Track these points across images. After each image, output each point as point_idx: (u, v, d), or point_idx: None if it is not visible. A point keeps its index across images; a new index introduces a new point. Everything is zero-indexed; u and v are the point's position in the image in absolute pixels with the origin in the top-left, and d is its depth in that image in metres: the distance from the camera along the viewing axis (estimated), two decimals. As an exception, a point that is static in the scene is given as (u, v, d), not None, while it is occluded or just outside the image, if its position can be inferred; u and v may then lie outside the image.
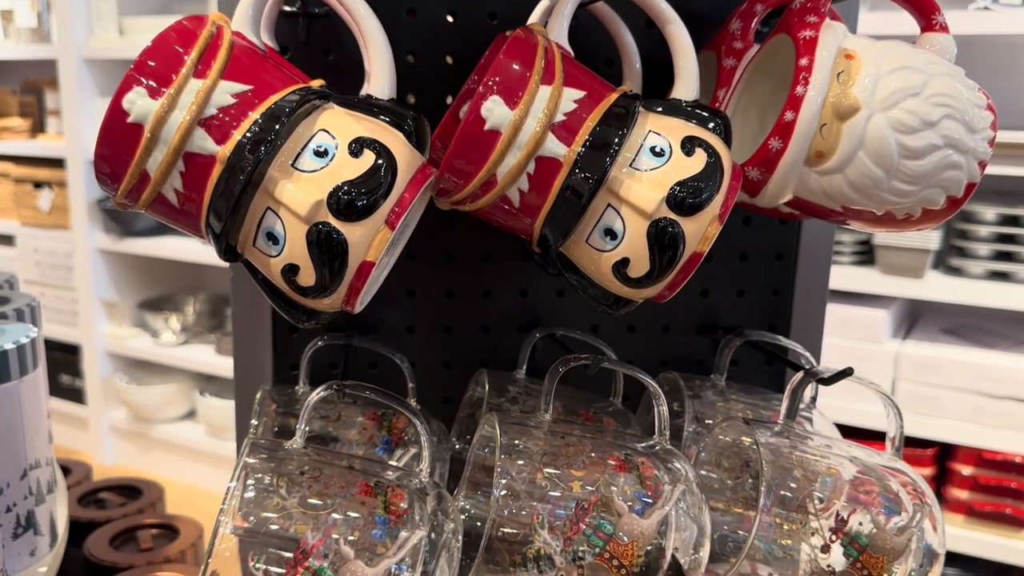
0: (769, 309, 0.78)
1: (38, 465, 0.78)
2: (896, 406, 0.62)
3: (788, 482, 0.60)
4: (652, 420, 0.63)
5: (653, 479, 0.60)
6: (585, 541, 0.57)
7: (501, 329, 0.76)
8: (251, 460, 0.57)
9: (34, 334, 0.78)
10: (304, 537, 0.54)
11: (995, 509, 1.89)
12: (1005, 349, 1.93)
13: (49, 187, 2.89)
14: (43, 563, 0.77)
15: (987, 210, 1.89)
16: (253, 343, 0.74)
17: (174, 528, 1.01)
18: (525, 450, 0.59)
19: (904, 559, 0.59)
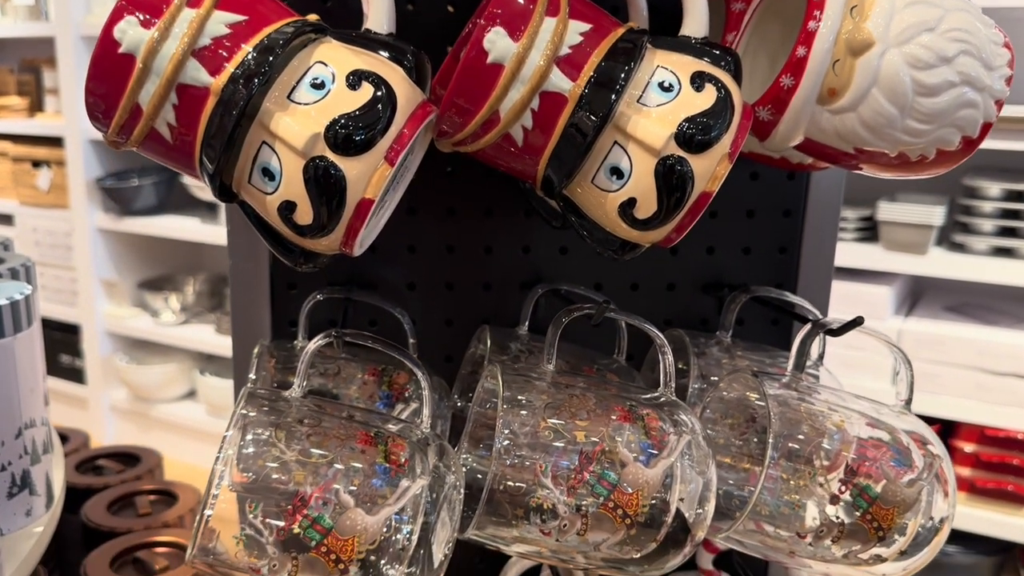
0: (776, 267, 0.76)
1: (33, 424, 0.77)
2: (907, 359, 0.61)
3: (796, 434, 0.59)
4: (657, 377, 0.62)
5: (658, 430, 0.58)
6: (589, 491, 0.55)
7: (503, 286, 0.75)
8: (249, 412, 0.56)
9: (28, 291, 0.77)
10: (303, 486, 0.53)
11: (997, 486, 1.88)
12: (1008, 326, 1.91)
13: (48, 166, 2.87)
14: (39, 523, 0.76)
15: (992, 185, 1.87)
16: (250, 298, 0.72)
17: (172, 494, 1.01)
18: (528, 401, 0.58)
19: (914, 512, 0.58)
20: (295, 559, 0.53)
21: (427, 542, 0.56)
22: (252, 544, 0.53)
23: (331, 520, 0.53)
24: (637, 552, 0.58)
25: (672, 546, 0.59)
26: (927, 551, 0.59)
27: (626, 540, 0.56)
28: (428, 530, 0.56)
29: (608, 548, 0.57)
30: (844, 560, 0.58)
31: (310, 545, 0.53)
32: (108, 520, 0.94)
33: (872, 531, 0.57)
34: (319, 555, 0.53)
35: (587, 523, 0.56)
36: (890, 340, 0.61)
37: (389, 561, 0.56)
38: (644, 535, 0.57)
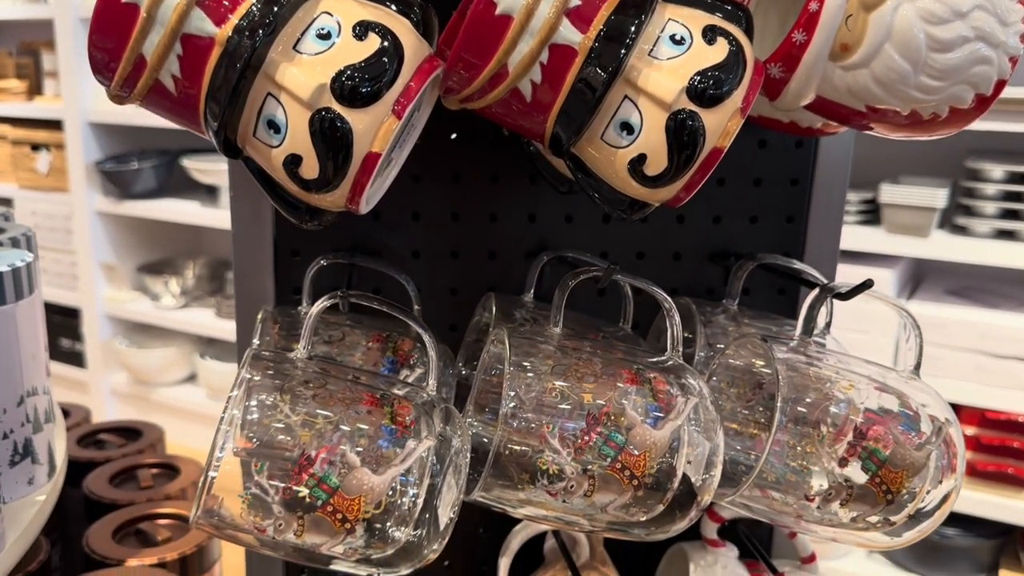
0: (783, 236, 0.76)
1: (35, 393, 0.76)
2: (916, 323, 0.61)
3: (803, 398, 0.58)
4: (663, 346, 0.62)
5: (665, 393, 0.58)
6: (596, 452, 0.55)
7: (508, 254, 0.75)
8: (254, 376, 0.55)
9: (29, 259, 0.76)
10: (309, 446, 0.53)
11: (997, 469, 1.88)
12: (1009, 309, 1.91)
13: (47, 149, 2.86)
14: (41, 492, 0.76)
15: (994, 168, 1.86)
16: (254, 265, 0.72)
17: (174, 467, 1.00)
18: (534, 364, 0.58)
19: (923, 475, 0.57)
20: (301, 518, 0.53)
21: (433, 504, 0.56)
22: (258, 504, 0.52)
23: (337, 479, 0.53)
24: (644, 514, 0.57)
25: (678, 509, 0.58)
26: (936, 516, 0.59)
27: (633, 502, 0.56)
28: (434, 492, 0.56)
29: (615, 510, 0.56)
30: (852, 524, 0.58)
31: (316, 504, 0.52)
32: (110, 492, 0.94)
33: (881, 494, 0.56)
34: (325, 514, 0.53)
35: (594, 484, 0.55)
36: (899, 304, 0.60)
37: (395, 523, 0.56)
38: (651, 497, 0.57)
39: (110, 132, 2.77)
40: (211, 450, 0.53)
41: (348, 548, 0.54)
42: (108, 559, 0.83)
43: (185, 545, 0.85)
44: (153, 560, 0.83)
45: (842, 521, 0.59)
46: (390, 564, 0.57)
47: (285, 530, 0.53)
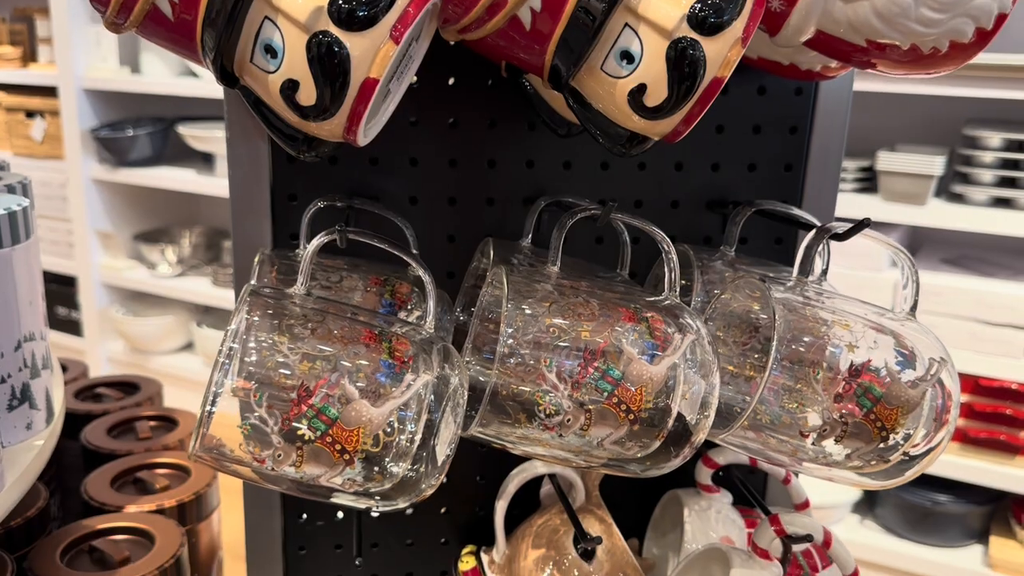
0: (781, 184, 0.76)
1: (32, 338, 0.76)
2: (912, 262, 0.61)
3: (800, 336, 0.58)
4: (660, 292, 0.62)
5: (662, 332, 0.58)
6: (593, 386, 0.55)
7: (506, 200, 0.74)
8: (253, 318, 0.55)
9: (25, 203, 0.76)
10: (307, 378, 0.53)
11: (990, 436, 1.89)
12: (1004, 278, 1.92)
13: (41, 116, 2.84)
14: (39, 437, 0.76)
15: (992, 135, 1.86)
16: (251, 210, 0.72)
17: (173, 420, 1.01)
18: (532, 301, 0.58)
19: (917, 414, 0.58)
20: (300, 449, 0.53)
21: (431, 440, 0.56)
22: (256, 435, 0.53)
23: (336, 411, 0.53)
24: (639, 449, 0.58)
25: (673, 446, 0.59)
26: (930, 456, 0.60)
27: (628, 436, 0.57)
28: (432, 428, 0.56)
29: (611, 444, 0.57)
30: (846, 461, 0.58)
31: (315, 436, 0.53)
32: (108, 443, 0.94)
33: (876, 431, 0.57)
34: (324, 445, 0.53)
35: (590, 419, 0.56)
36: (895, 245, 0.61)
37: (394, 458, 0.56)
38: (646, 433, 0.57)
39: (105, 99, 2.75)
40: (208, 384, 0.53)
41: (347, 480, 0.55)
42: (106, 506, 0.83)
43: (183, 492, 0.85)
44: (151, 507, 0.83)
45: (836, 459, 0.59)
46: (388, 497, 0.57)
47: (284, 461, 0.53)
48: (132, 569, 0.74)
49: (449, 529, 0.82)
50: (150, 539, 0.78)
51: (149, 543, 0.78)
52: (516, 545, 0.74)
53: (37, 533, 0.81)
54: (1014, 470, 1.87)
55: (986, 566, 1.92)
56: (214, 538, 0.90)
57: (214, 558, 0.90)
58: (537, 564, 0.71)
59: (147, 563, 0.75)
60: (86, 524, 0.79)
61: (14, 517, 0.80)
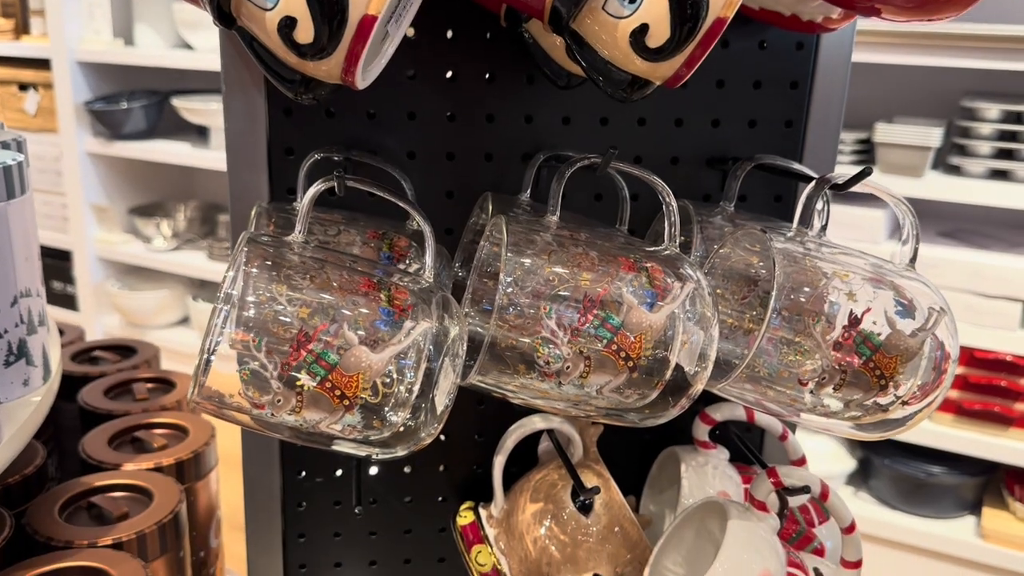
0: (781, 140, 0.76)
1: (29, 294, 0.76)
2: (912, 212, 0.61)
3: (800, 286, 0.58)
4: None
5: (662, 281, 0.58)
6: (592, 333, 0.55)
7: (505, 156, 0.74)
8: (252, 269, 0.54)
9: (20, 158, 0.76)
10: (306, 323, 0.53)
11: (984, 407, 1.90)
12: (1000, 250, 1.92)
13: (35, 89, 2.82)
14: (36, 393, 0.76)
15: (991, 107, 1.86)
16: (248, 164, 0.71)
17: (170, 382, 1.01)
18: (531, 249, 0.58)
19: (916, 363, 0.58)
20: (299, 395, 0.53)
21: (430, 390, 0.56)
22: (256, 380, 0.53)
23: (335, 356, 0.53)
24: (638, 398, 0.58)
25: (671, 396, 0.59)
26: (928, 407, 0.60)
27: (628, 384, 0.57)
28: (431, 378, 0.56)
29: (610, 392, 0.57)
30: (844, 410, 0.59)
31: (314, 381, 0.52)
32: (105, 404, 0.94)
33: (874, 379, 0.57)
34: (324, 391, 0.53)
35: (589, 366, 0.56)
36: (895, 195, 0.60)
37: (393, 408, 0.56)
38: (644, 383, 0.57)
39: (99, 71, 2.72)
40: (207, 331, 0.53)
41: (346, 427, 0.55)
42: (104, 463, 0.83)
43: (182, 451, 0.86)
44: (149, 465, 0.83)
45: (833, 410, 0.60)
46: (387, 445, 0.57)
47: (283, 406, 0.53)
48: (130, 524, 0.74)
49: (448, 487, 0.82)
50: (148, 496, 0.78)
51: (147, 499, 0.78)
52: (514, 500, 0.74)
53: (35, 491, 0.81)
54: (1008, 441, 1.88)
55: (978, 537, 1.93)
56: (212, 498, 0.90)
57: (212, 517, 0.90)
58: (535, 518, 0.71)
59: (145, 518, 0.75)
60: (84, 481, 0.79)
61: (12, 474, 0.80)
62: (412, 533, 0.83)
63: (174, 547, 0.76)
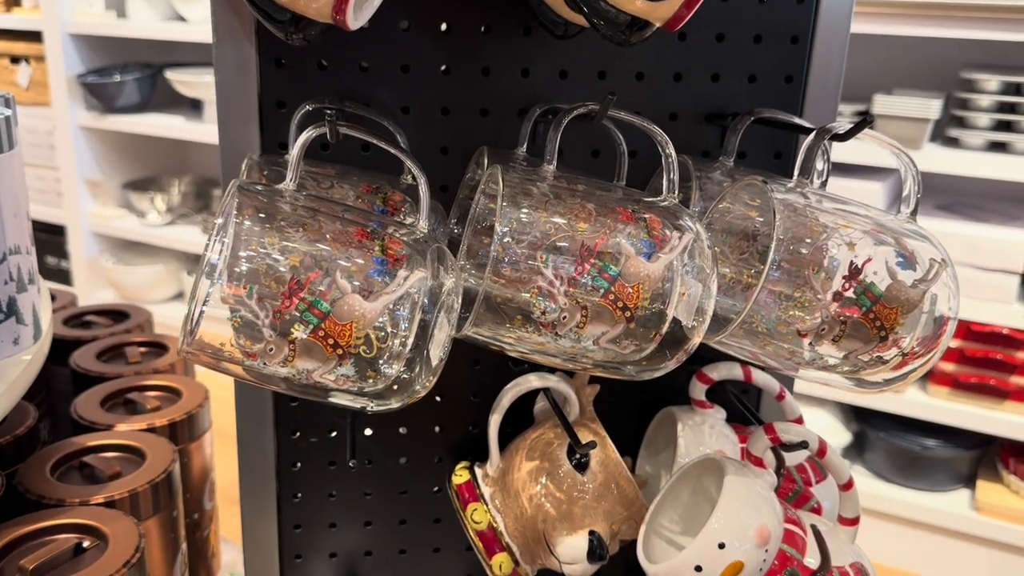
0: (781, 95, 0.75)
1: (18, 251, 0.75)
2: (913, 163, 0.60)
3: (800, 236, 0.57)
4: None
5: (660, 232, 0.57)
6: (589, 283, 0.55)
7: (501, 110, 0.73)
8: (244, 222, 0.53)
9: (8, 113, 0.74)
10: (298, 271, 0.52)
11: (980, 381, 1.90)
12: (997, 223, 1.91)
13: (27, 62, 2.79)
14: (27, 352, 0.75)
15: (990, 78, 1.84)
16: (238, 117, 0.70)
17: (163, 345, 1.00)
18: (528, 199, 0.57)
19: (916, 316, 0.57)
20: (292, 344, 0.52)
21: (425, 342, 0.56)
22: (247, 328, 0.52)
23: (328, 305, 0.52)
24: (635, 349, 0.57)
25: (669, 348, 0.58)
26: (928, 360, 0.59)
27: (624, 334, 0.56)
28: (426, 329, 0.55)
29: (607, 343, 0.56)
30: (844, 362, 0.58)
31: (307, 329, 0.52)
32: (98, 367, 0.93)
33: (874, 330, 0.56)
34: (317, 339, 0.52)
35: (586, 316, 0.55)
36: (897, 146, 0.59)
37: (388, 360, 0.55)
38: (641, 335, 0.57)
39: (91, 44, 2.70)
40: (196, 280, 0.52)
41: (340, 376, 0.54)
42: (96, 424, 0.83)
43: (175, 413, 0.85)
44: (142, 426, 0.83)
45: (832, 363, 0.59)
46: (382, 397, 0.57)
47: (276, 355, 0.52)
48: (123, 483, 0.73)
49: (443, 447, 0.82)
50: (141, 456, 0.78)
51: (140, 460, 0.77)
52: (510, 458, 0.74)
53: (27, 452, 0.81)
54: (1003, 415, 1.88)
55: (972, 509, 1.94)
56: (206, 460, 0.89)
57: (206, 480, 0.89)
58: (531, 476, 0.71)
59: (138, 477, 0.74)
60: (76, 441, 0.79)
61: (3, 435, 0.80)
62: (407, 494, 0.83)
63: (167, 506, 0.76)
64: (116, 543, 0.65)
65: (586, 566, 0.68)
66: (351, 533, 0.83)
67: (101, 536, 0.67)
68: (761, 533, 0.62)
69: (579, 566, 0.68)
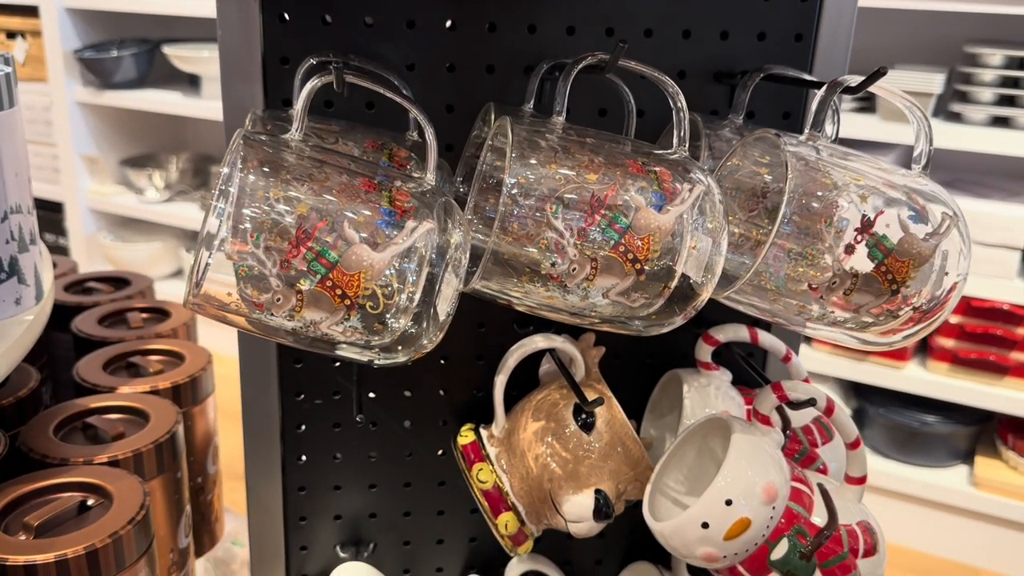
0: (791, 54, 0.74)
1: (19, 211, 0.74)
2: (925, 116, 0.59)
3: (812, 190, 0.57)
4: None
5: (671, 184, 0.57)
6: (599, 234, 0.54)
7: (507, 68, 0.72)
8: (248, 174, 0.53)
9: (8, 70, 0.74)
10: (305, 220, 0.51)
11: (980, 356, 1.90)
12: (999, 199, 1.91)
13: (23, 37, 2.76)
14: (29, 312, 0.75)
15: (994, 52, 1.83)
16: (241, 74, 0.69)
17: (165, 311, 0.99)
18: (537, 149, 0.56)
19: (928, 271, 0.57)
20: (299, 293, 0.51)
21: (433, 296, 0.55)
22: (255, 278, 0.51)
23: (336, 254, 0.51)
24: (644, 304, 0.57)
25: (678, 304, 0.58)
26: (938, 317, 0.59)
27: (634, 287, 0.55)
28: (434, 283, 0.55)
29: (616, 296, 0.56)
30: (855, 316, 0.58)
31: (315, 279, 0.51)
32: (100, 331, 0.93)
33: (886, 283, 0.56)
34: (324, 289, 0.52)
35: (596, 268, 0.54)
36: (908, 99, 0.59)
37: (395, 314, 0.55)
38: (651, 288, 0.56)
39: (88, 18, 2.67)
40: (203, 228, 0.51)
41: (348, 328, 0.54)
42: (99, 387, 0.82)
43: (178, 375, 0.84)
44: (145, 388, 0.82)
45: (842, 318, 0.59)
46: (389, 350, 0.56)
47: (283, 305, 0.52)
48: (127, 443, 0.73)
49: (448, 411, 0.82)
50: (144, 417, 0.77)
51: (143, 421, 0.77)
52: (515, 419, 0.73)
53: (29, 414, 0.80)
54: (1003, 390, 1.88)
55: (971, 485, 1.95)
56: (209, 425, 0.89)
57: (210, 444, 0.89)
58: (536, 436, 0.71)
59: (142, 438, 0.74)
60: (79, 403, 0.78)
61: (6, 396, 0.79)
62: (412, 457, 0.82)
63: (171, 468, 0.76)
64: (121, 501, 0.65)
65: (592, 524, 0.68)
66: (356, 496, 0.82)
67: (105, 494, 0.66)
68: (768, 490, 0.62)
69: (585, 524, 0.68)
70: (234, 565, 1.19)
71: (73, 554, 0.59)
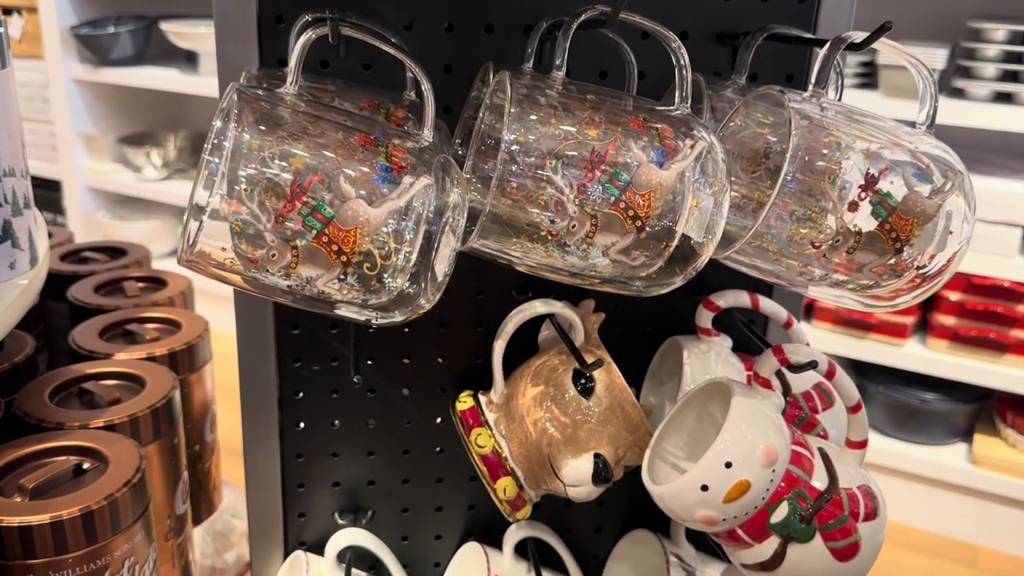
0: (794, 15, 0.73)
1: (13, 174, 0.74)
2: (931, 74, 0.58)
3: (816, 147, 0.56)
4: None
5: (673, 141, 0.56)
6: (600, 190, 0.53)
7: (507, 27, 0.71)
8: (242, 133, 0.52)
9: (1, 31, 0.72)
10: (301, 174, 0.50)
11: (980, 334, 1.90)
12: (1001, 176, 1.89)
13: (19, 13, 2.74)
14: (24, 277, 0.74)
15: (997, 27, 1.82)
16: (236, 33, 0.68)
17: (161, 280, 0.99)
18: (536, 106, 0.55)
19: (932, 230, 0.56)
20: (295, 249, 0.51)
21: (430, 255, 0.54)
22: (250, 233, 0.50)
23: (332, 210, 0.51)
24: (645, 262, 0.56)
25: (678, 264, 0.57)
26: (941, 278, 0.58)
27: (635, 245, 0.55)
28: (431, 241, 0.54)
29: (616, 254, 0.55)
30: (858, 276, 0.57)
31: (311, 234, 0.50)
32: (96, 299, 0.92)
33: (890, 241, 0.55)
34: (320, 245, 0.51)
35: (596, 225, 0.54)
36: (910, 54, 0.58)
37: (392, 273, 0.54)
38: (652, 246, 0.56)
39: (85, -5, 2.65)
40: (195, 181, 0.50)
41: (344, 286, 0.53)
42: (95, 353, 0.82)
43: (175, 343, 0.84)
44: (142, 355, 0.82)
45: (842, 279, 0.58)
46: (386, 310, 0.56)
47: (279, 260, 0.51)
48: (123, 408, 0.72)
49: (446, 378, 0.81)
50: (141, 383, 0.77)
51: (140, 387, 0.76)
52: (514, 385, 0.73)
53: (25, 380, 0.80)
54: (1002, 368, 1.88)
55: (969, 462, 1.95)
56: (207, 392, 0.88)
57: (207, 412, 0.89)
58: (535, 401, 0.70)
59: (138, 403, 0.73)
60: (75, 369, 0.78)
61: (1, 363, 0.79)
62: (411, 424, 0.82)
63: (168, 433, 0.75)
64: (116, 464, 0.65)
65: (591, 488, 0.68)
66: (353, 463, 0.82)
67: (101, 458, 0.66)
68: (768, 453, 0.61)
69: (584, 488, 0.68)
70: (233, 537, 1.19)
71: (68, 515, 0.59)
